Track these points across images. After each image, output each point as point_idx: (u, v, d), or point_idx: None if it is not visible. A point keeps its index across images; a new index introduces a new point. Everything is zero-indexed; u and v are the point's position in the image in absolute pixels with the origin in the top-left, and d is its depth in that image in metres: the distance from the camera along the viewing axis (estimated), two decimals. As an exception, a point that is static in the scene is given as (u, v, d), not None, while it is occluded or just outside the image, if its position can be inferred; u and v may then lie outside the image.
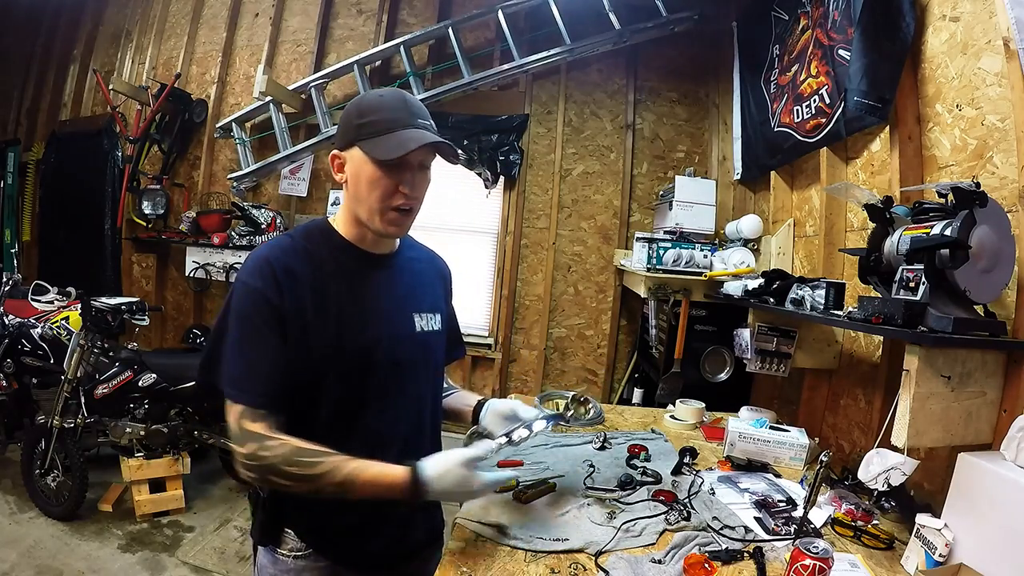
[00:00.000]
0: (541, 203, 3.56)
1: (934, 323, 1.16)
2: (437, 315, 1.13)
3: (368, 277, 1.04)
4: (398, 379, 1.04)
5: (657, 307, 2.73)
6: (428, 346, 1.11)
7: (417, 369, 1.08)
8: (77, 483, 2.60)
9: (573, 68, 3.47)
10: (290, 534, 1.02)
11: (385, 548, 1.07)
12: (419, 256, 1.17)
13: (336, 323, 0.97)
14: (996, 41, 1.36)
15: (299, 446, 0.90)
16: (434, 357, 1.14)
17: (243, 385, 0.91)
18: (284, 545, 1.03)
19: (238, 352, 0.92)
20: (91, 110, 4.36)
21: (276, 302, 0.92)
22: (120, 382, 2.71)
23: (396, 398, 1.04)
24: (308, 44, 3.81)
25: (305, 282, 0.96)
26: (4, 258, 4.60)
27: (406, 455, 1.01)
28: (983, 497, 1.06)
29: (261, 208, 3.55)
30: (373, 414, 1.01)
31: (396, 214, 0.97)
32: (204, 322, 3.97)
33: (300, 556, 1.02)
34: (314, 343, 0.95)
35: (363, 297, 1.02)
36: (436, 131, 0.98)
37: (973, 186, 1.18)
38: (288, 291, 0.93)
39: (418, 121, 0.95)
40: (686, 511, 1.25)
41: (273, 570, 1.04)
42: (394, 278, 1.08)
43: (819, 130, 2.08)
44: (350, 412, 1.00)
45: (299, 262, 0.97)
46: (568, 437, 1.73)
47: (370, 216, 0.97)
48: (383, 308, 1.04)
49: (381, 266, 1.06)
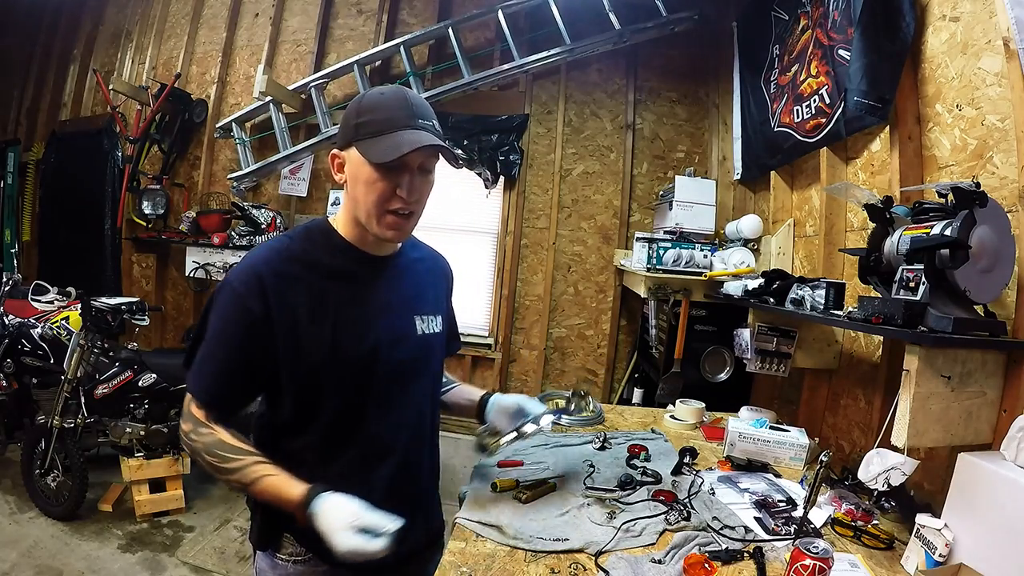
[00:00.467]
0: (541, 203, 3.56)
1: (934, 323, 1.16)
2: (438, 316, 1.12)
3: (369, 280, 1.02)
4: (400, 383, 1.03)
5: (657, 307, 2.73)
6: (429, 349, 1.09)
7: (418, 373, 1.06)
8: (77, 483, 2.60)
9: (573, 68, 3.47)
10: (289, 538, 1.01)
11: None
12: (422, 256, 1.15)
13: (334, 328, 0.95)
14: (996, 41, 1.36)
15: (223, 440, 0.92)
16: (435, 360, 1.12)
17: (195, 376, 0.97)
18: (283, 549, 1.01)
19: (203, 346, 0.96)
20: (91, 110, 4.36)
21: (255, 310, 0.91)
22: (120, 382, 2.71)
23: (398, 404, 1.03)
24: (308, 44, 3.81)
25: (300, 287, 0.94)
26: (4, 258, 4.59)
27: (406, 466, 1.02)
28: (983, 497, 1.06)
29: (261, 208, 3.55)
30: (375, 421, 1.00)
31: (394, 218, 0.94)
32: (204, 322, 3.97)
33: (299, 560, 1.01)
34: (309, 349, 0.94)
35: (363, 301, 1.00)
36: (439, 132, 0.95)
37: (973, 186, 1.18)
38: (276, 299, 0.92)
39: (418, 122, 0.91)
40: (686, 511, 1.25)
41: (272, 574, 1.03)
42: (396, 280, 1.06)
43: (819, 130, 2.08)
44: (351, 419, 0.98)
45: (295, 266, 0.96)
46: (568, 437, 1.73)
47: (368, 219, 0.95)
48: (384, 312, 1.01)
49: (383, 268, 1.04)
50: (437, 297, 1.15)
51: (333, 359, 0.95)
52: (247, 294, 0.91)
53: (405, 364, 1.03)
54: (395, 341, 1.01)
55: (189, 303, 4.02)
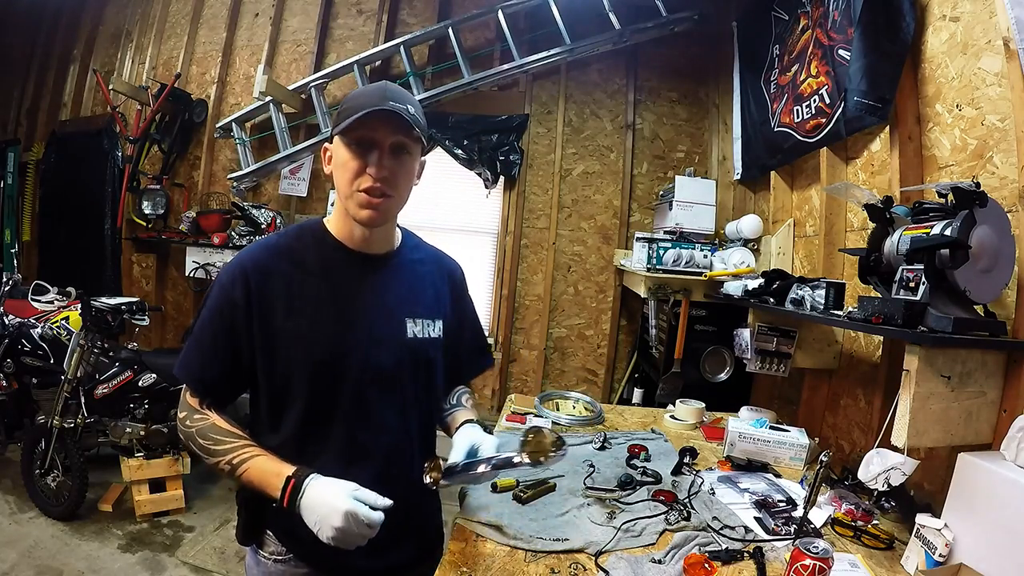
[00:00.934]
0: (541, 203, 3.56)
1: (934, 323, 1.16)
2: (438, 321, 1.07)
3: (356, 279, 1.00)
4: (379, 387, 0.99)
5: (657, 307, 2.73)
6: (420, 353, 1.04)
7: (404, 378, 1.02)
8: (77, 483, 2.60)
9: (573, 68, 3.48)
10: (271, 536, 1.01)
11: (366, 562, 0.99)
12: (424, 257, 1.12)
13: (310, 324, 0.95)
14: (996, 41, 1.37)
15: (216, 424, 0.94)
16: (429, 365, 1.06)
17: (184, 366, 0.98)
18: (266, 547, 1.02)
19: (192, 336, 0.98)
20: (91, 110, 4.36)
21: (238, 299, 0.94)
22: (120, 382, 2.71)
23: (377, 408, 0.99)
24: (308, 44, 3.81)
25: (280, 281, 0.96)
26: (4, 258, 4.60)
27: (390, 468, 0.99)
28: (983, 497, 1.06)
29: (261, 208, 3.55)
30: (349, 422, 0.97)
31: (365, 196, 0.93)
32: (204, 322, 3.97)
33: (280, 560, 1.00)
34: (284, 342, 0.95)
35: (346, 299, 0.98)
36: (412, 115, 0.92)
37: (973, 186, 1.18)
38: (256, 290, 0.94)
39: (388, 103, 0.91)
40: (686, 511, 1.25)
41: (256, 571, 1.03)
42: (388, 280, 1.03)
43: (819, 130, 2.08)
44: (322, 418, 0.97)
45: (279, 261, 0.98)
46: (568, 437, 1.72)
47: (346, 201, 0.96)
48: (367, 311, 0.99)
49: (374, 267, 1.02)
50: (438, 300, 1.10)
51: (306, 355, 0.95)
52: (231, 285, 0.95)
53: (387, 367, 0.99)
54: (376, 342, 0.99)
55: (189, 303, 4.02)
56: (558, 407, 2.07)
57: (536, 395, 2.15)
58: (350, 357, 0.97)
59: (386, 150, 0.93)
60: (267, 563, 1.01)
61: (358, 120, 0.90)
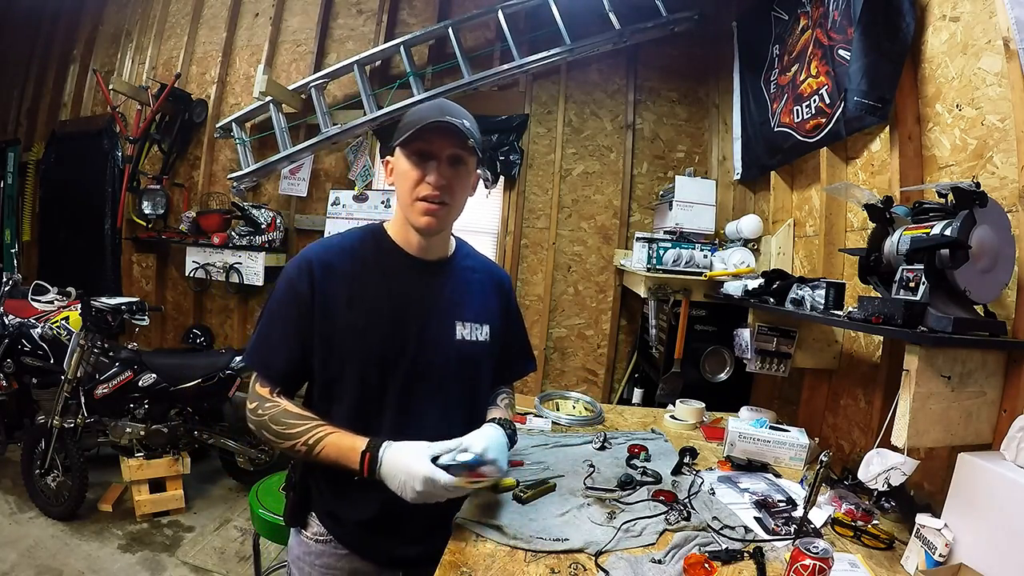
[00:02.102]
0: (541, 203, 3.56)
1: (934, 323, 1.16)
2: (486, 326, 1.13)
3: (411, 281, 1.07)
4: (425, 384, 1.05)
5: (657, 307, 2.73)
6: (468, 356, 1.10)
7: (450, 378, 1.08)
8: (77, 483, 2.60)
9: (573, 68, 3.47)
10: (314, 518, 1.07)
11: (403, 550, 1.08)
12: (475, 265, 1.19)
13: (367, 318, 1.01)
14: (996, 41, 1.37)
15: (287, 409, 0.98)
16: (476, 369, 1.13)
17: (255, 355, 1.03)
18: (309, 528, 1.08)
19: (260, 327, 1.04)
20: (91, 110, 4.36)
21: (304, 292, 0.99)
22: (120, 382, 2.71)
23: (422, 404, 1.05)
24: (308, 44, 3.81)
25: (343, 278, 1.02)
26: (4, 258, 4.60)
27: None
28: (983, 497, 1.06)
29: (261, 208, 3.55)
30: (394, 417, 1.03)
31: (424, 204, 1.00)
32: (204, 322, 3.98)
33: (322, 540, 1.07)
34: (342, 335, 1.00)
35: (400, 299, 1.04)
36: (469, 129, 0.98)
37: (973, 186, 1.18)
38: (320, 284, 1.00)
39: (446, 117, 0.97)
40: (686, 511, 1.25)
41: (298, 551, 1.09)
42: (441, 285, 1.10)
43: (819, 130, 2.08)
44: (370, 412, 1.02)
45: (341, 259, 1.04)
46: (568, 437, 1.73)
47: (406, 209, 1.02)
48: (420, 312, 1.05)
49: (428, 272, 1.09)
50: (487, 307, 1.16)
51: (361, 350, 1.01)
52: (297, 278, 1.01)
53: (435, 367, 1.05)
54: (428, 342, 1.05)
55: (189, 303, 4.02)
56: (558, 407, 2.07)
57: (536, 395, 2.15)
58: (402, 353, 1.03)
59: (444, 160, 1.00)
60: (308, 543, 1.08)
61: (417, 132, 0.96)
